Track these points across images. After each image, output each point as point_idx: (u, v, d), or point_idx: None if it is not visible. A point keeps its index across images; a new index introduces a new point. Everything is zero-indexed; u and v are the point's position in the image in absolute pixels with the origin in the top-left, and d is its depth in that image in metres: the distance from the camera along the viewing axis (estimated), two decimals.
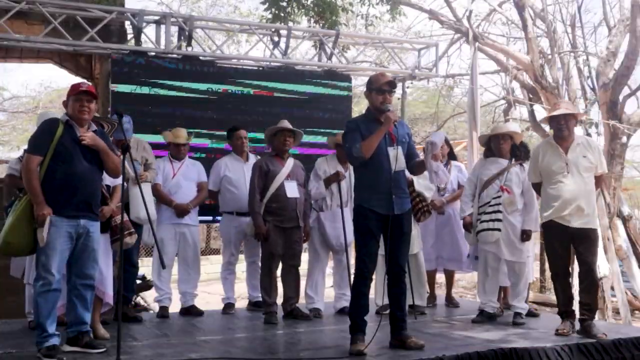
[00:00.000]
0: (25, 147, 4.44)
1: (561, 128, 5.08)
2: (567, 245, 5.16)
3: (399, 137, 4.44)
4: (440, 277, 7.52)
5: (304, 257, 5.80)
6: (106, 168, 4.28)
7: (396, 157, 4.36)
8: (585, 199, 5.02)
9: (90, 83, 6.76)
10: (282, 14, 9.48)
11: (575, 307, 5.21)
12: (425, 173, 5.99)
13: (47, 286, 4.03)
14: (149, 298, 8.42)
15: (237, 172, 6.07)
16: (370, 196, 4.37)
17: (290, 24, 9.57)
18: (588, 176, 5.08)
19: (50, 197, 4.05)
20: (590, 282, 5.07)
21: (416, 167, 4.57)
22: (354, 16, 10.53)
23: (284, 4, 9.57)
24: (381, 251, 4.51)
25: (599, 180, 5.24)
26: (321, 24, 9.45)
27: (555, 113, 5.13)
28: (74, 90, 4.22)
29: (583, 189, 5.03)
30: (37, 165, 4.08)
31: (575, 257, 5.24)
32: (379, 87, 4.41)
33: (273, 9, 9.51)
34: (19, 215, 4.09)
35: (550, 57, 10.83)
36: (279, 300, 5.72)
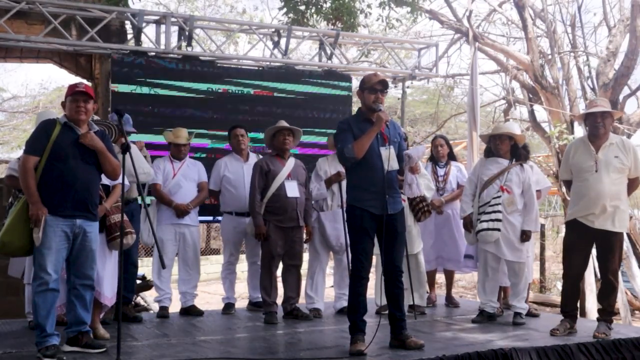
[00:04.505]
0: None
1: (597, 126, 4.96)
2: (587, 246, 5.10)
3: (390, 137, 4.44)
4: (440, 277, 7.53)
5: (305, 257, 5.80)
6: (104, 169, 4.28)
7: (388, 157, 4.35)
8: (611, 200, 4.89)
9: (88, 83, 6.81)
10: (300, 19, 9.45)
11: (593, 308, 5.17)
12: (426, 173, 6.08)
13: (44, 286, 4.03)
14: (149, 298, 8.43)
15: (236, 172, 6.06)
16: (364, 196, 4.36)
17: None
18: (618, 177, 4.94)
19: (46, 196, 4.06)
20: (607, 285, 5.03)
21: (399, 170, 4.57)
22: (371, 18, 10.51)
23: (302, 7, 9.54)
24: (378, 250, 4.52)
25: (632, 184, 5.07)
26: (339, 27, 9.43)
27: (593, 110, 5.01)
28: (70, 90, 4.23)
29: (610, 190, 4.89)
30: (34, 166, 4.08)
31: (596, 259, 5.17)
32: (371, 86, 4.40)
33: (291, 14, 9.47)
34: (16, 215, 4.10)
35: (550, 57, 10.84)
36: (279, 300, 5.72)
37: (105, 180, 4.48)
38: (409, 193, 4.47)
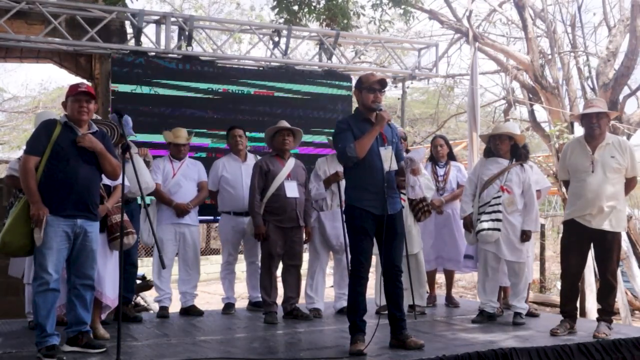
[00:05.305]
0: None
1: (593, 127, 4.98)
2: (585, 246, 5.10)
3: (389, 137, 4.44)
4: (440, 277, 7.53)
5: (305, 257, 5.80)
6: (104, 170, 4.27)
7: (388, 157, 4.35)
8: (608, 200, 4.89)
9: (89, 83, 6.81)
10: (293, 19, 9.42)
11: (593, 308, 5.17)
12: (426, 173, 6.08)
13: (45, 286, 4.04)
14: (149, 298, 8.43)
15: (234, 172, 6.06)
16: (363, 196, 4.36)
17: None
18: (615, 177, 4.95)
19: (47, 196, 4.06)
20: (606, 285, 5.04)
21: (398, 170, 4.57)
22: (365, 20, 10.44)
23: (295, 8, 9.51)
24: (377, 250, 4.52)
25: (629, 184, 5.08)
26: (333, 28, 9.42)
27: (588, 111, 5.02)
28: (73, 90, 4.22)
29: (607, 190, 4.90)
30: (34, 166, 4.08)
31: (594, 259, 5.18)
32: (369, 86, 4.39)
33: (284, 14, 9.44)
34: (16, 215, 4.11)
35: (550, 57, 10.84)
36: (279, 300, 5.72)
37: (106, 180, 4.49)
38: (412, 195, 4.49)
